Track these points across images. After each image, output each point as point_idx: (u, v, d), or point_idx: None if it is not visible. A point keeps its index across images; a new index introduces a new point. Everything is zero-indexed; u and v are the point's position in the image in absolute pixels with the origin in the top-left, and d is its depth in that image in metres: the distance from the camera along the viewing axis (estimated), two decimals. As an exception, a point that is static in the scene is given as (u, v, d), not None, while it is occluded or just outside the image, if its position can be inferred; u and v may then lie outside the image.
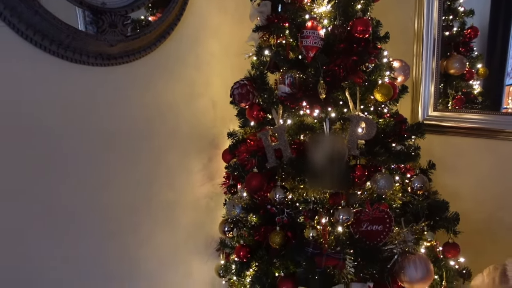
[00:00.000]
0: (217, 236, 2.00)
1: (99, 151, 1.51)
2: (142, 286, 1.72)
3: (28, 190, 1.32)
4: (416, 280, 1.43)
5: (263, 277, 1.58)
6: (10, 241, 1.29)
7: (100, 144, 1.51)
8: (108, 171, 1.54)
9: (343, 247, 1.43)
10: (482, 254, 1.68)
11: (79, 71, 1.43)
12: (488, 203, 1.92)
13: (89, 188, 1.49)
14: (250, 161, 1.60)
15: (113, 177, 1.57)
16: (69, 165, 1.42)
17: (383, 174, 1.48)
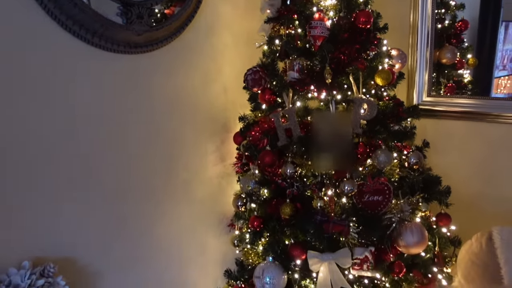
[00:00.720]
0: (228, 213, 2.17)
1: (124, 129, 1.66)
2: (162, 257, 1.88)
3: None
4: (412, 244, 1.61)
5: (275, 245, 1.75)
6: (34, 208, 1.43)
7: (126, 123, 1.67)
8: (132, 148, 1.70)
9: (348, 215, 1.61)
10: (470, 225, 1.86)
11: (110, 58, 1.58)
12: (476, 181, 2.10)
13: (121, 158, 1.65)
14: (262, 140, 1.77)
15: (141, 150, 1.73)
16: (96, 140, 1.57)
17: (383, 150, 1.65)
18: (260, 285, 1.68)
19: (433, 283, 1.70)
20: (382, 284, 1.66)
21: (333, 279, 1.62)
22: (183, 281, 2.01)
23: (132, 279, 1.76)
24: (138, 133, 1.72)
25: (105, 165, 1.61)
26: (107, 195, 1.63)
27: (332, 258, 1.61)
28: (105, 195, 1.62)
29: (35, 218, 1.42)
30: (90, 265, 1.61)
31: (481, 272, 1.64)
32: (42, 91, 1.38)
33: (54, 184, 1.46)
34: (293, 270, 1.70)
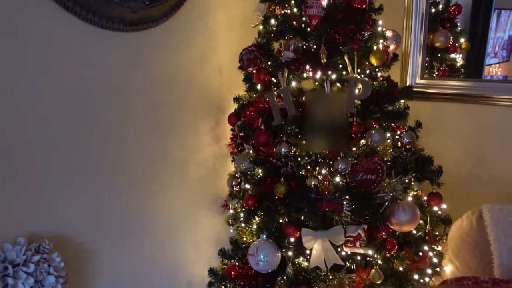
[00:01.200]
0: (223, 194, 2.19)
1: (121, 107, 1.67)
2: (157, 236, 1.90)
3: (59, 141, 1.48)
4: (404, 222, 1.63)
5: (269, 223, 1.77)
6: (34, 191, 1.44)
7: (122, 101, 1.67)
8: (129, 127, 1.71)
9: (341, 193, 1.63)
10: (461, 204, 1.89)
11: (105, 36, 1.58)
12: (467, 162, 2.13)
13: (114, 139, 1.66)
14: (257, 120, 1.78)
15: (134, 129, 1.73)
16: (92, 119, 1.58)
17: (376, 130, 1.67)
18: (254, 262, 1.70)
19: (424, 261, 1.73)
20: (374, 261, 1.68)
21: (327, 256, 1.64)
22: (177, 260, 2.03)
23: (126, 258, 1.78)
24: (134, 112, 1.72)
25: (101, 143, 1.62)
26: (103, 174, 1.64)
27: (326, 236, 1.63)
28: (101, 173, 1.63)
29: (31, 195, 1.42)
30: (85, 243, 1.62)
31: (471, 250, 1.68)
32: (33, 68, 1.38)
33: (51, 162, 1.46)
34: (287, 247, 1.72)
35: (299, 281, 1.72)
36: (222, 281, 1.96)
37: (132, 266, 1.80)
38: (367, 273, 1.69)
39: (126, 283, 1.78)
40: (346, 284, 1.67)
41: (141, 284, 1.85)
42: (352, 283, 1.68)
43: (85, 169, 1.57)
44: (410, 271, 1.74)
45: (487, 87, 2.05)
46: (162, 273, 1.95)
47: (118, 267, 1.74)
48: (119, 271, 1.75)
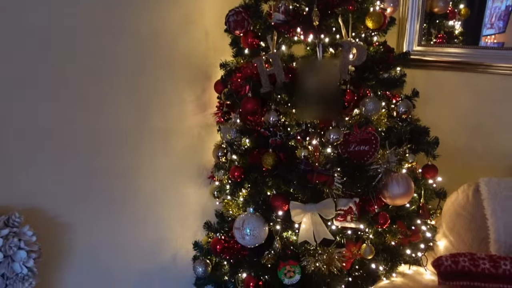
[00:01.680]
0: (209, 165, 2.09)
1: (97, 72, 1.55)
2: (138, 210, 1.81)
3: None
4: (398, 195, 1.55)
5: (256, 196, 1.69)
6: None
7: (97, 66, 1.55)
8: (106, 94, 1.59)
9: (333, 165, 1.54)
10: (457, 176, 1.82)
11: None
12: (463, 132, 2.05)
13: (90, 110, 1.54)
14: (244, 87, 1.67)
15: (112, 98, 1.62)
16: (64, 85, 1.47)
17: (371, 99, 1.57)
18: (240, 236, 1.62)
19: (417, 235, 1.66)
20: (365, 236, 1.62)
21: (316, 230, 1.57)
22: (161, 235, 1.95)
23: (105, 231, 1.70)
24: (110, 76, 1.60)
25: (75, 112, 1.51)
26: (78, 145, 1.53)
27: (315, 209, 1.56)
28: (76, 144, 1.53)
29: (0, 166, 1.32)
30: (60, 216, 1.55)
31: (466, 224, 1.61)
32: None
33: (22, 132, 1.36)
34: (274, 221, 1.64)
35: (287, 256, 1.66)
36: (208, 255, 1.89)
37: (111, 240, 1.72)
38: (358, 248, 1.62)
39: (104, 257, 1.71)
40: (335, 259, 1.61)
41: (121, 258, 1.78)
42: (342, 258, 1.62)
43: (59, 140, 1.47)
44: (403, 246, 1.68)
45: (485, 55, 1.95)
46: (145, 247, 1.87)
47: (95, 241, 1.66)
48: (97, 245, 1.67)
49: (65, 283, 1.57)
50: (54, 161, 1.47)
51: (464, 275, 1.27)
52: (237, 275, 1.80)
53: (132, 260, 1.83)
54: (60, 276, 1.57)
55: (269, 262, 1.67)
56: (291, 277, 1.65)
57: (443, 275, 1.30)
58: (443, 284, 1.31)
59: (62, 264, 1.57)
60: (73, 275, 1.59)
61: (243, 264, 1.77)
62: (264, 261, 1.68)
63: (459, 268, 1.28)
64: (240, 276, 1.80)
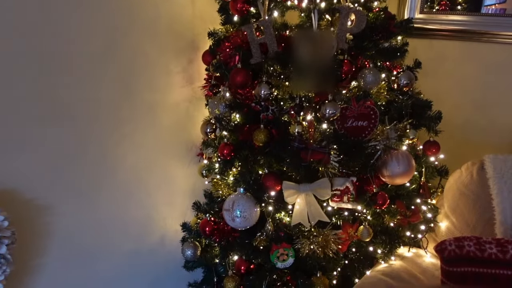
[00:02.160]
0: (198, 141, 1.98)
1: (72, 42, 1.42)
2: (124, 187, 1.71)
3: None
4: (397, 174, 1.45)
5: (247, 175, 1.58)
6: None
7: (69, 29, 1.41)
8: (82, 60, 1.47)
9: (328, 142, 1.43)
10: (460, 153, 1.73)
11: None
12: (466, 107, 1.95)
13: (64, 80, 1.42)
14: (234, 57, 1.54)
15: (88, 66, 1.49)
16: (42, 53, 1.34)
17: (370, 70, 1.45)
18: (230, 218, 1.52)
19: (417, 215, 1.57)
20: (363, 217, 1.52)
21: (310, 212, 1.48)
22: (148, 214, 1.85)
23: (88, 213, 1.59)
24: (86, 42, 1.46)
25: (47, 83, 1.38)
26: (51, 118, 1.41)
27: (310, 189, 1.46)
28: (49, 117, 1.41)
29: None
30: (37, 199, 1.44)
31: (470, 204, 1.52)
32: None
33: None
34: (266, 202, 1.54)
35: (280, 238, 1.56)
36: (197, 237, 1.79)
37: (92, 222, 1.62)
38: (355, 229, 1.54)
39: (86, 240, 1.61)
40: (331, 241, 1.52)
41: (104, 240, 1.68)
42: (338, 240, 1.53)
43: (30, 115, 1.35)
44: (402, 227, 1.59)
45: (490, 22, 1.83)
46: (129, 228, 1.77)
47: (75, 223, 1.55)
48: (77, 228, 1.56)
49: (43, 269, 1.47)
50: (25, 139, 1.35)
51: (469, 260, 1.18)
52: (228, 258, 1.71)
53: (117, 241, 1.73)
54: (38, 262, 1.47)
55: (261, 245, 1.58)
56: (284, 260, 1.56)
57: (446, 260, 1.22)
58: (446, 270, 1.22)
59: (39, 249, 1.47)
60: (52, 260, 1.49)
61: (234, 246, 1.68)
62: (256, 243, 1.59)
63: (464, 253, 1.18)
64: (231, 258, 1.71)
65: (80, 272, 1.59)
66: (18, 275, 1.40)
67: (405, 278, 1.38)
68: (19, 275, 1.42)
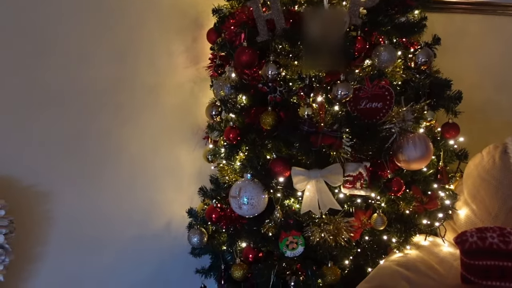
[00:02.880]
0: (203, 124, 1.91)
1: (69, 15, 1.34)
2: (127, 172, 1.65)
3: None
4: (414, 159, 1.37)
5: (254, 160, 1.50)
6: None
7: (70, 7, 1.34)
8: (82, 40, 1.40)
9: (340, 125, 1.34)
10: (481, 136, 1.64)
11: None
12: (488, 86, 1.85)
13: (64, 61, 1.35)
14: (239, 35, 1.44)
15: (89, 47, 1.42)
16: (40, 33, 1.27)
17: (385, 47, 1.35)
18: (237, 206, 1.45)
19: (434, 202, 1.49)
20: (376, 204, 1.44)
21: (321, 199, 1.40)
22: (152, 199, 1.80)
23: (89, 200, 1.55)
24: (81, 24, 1.39)
25: (47, 64, 1.32)
26: (50, 100, 1.35)
27: (320, 176, 1.38)
28: (48, 100, 1.35)
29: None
30: (36, 185, 1.40)
31: (492, 191, 1.43)
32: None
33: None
34: (275, 189, 1.46)
35: (289, 226, 1.49)
36: (204, 223, 1.73)
37: (94, 207, 1.58)
38: (368, 216, 1.46)
39: (88, 226, 1.57)
40: (343, 229, 1.44)
41: (108, 226, 1.64)
42: (350, 228, 1.45)
43: (28, 97, 1.28)
44: (418, 215, 1.51)
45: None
46: (133, 214, 1.73)
47: (77, 210, 1.52)
48: (78, 214, 1.53)
49: (45, 257, 1.44)
50: (24, 123, 1.29)
51: (492, 253, 1.09)
52: (236, 245, 1.65)
53: (120, 227, 1.69)
54: (39, 250, 1.43)
55: (270, 232, 1.51)
56: (293, 249, 1.49)
57: (467, 252, 1.13)
58: (466, 263, 1.14)
59: (40, 237, 1.43)
60: (53, 248, 1.45)
61: (241, 233, 1.61)
62: (264, 230, 1.52)
63: (486, 245, 1.10)
64: (239, 246, 1.65)
65: (82, 260, 1.56)
66: (19, 264, 1.37)
67: (422, 269, 1.31)
68: (20, 264, 1.39)
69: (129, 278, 1.75)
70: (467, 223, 1.48)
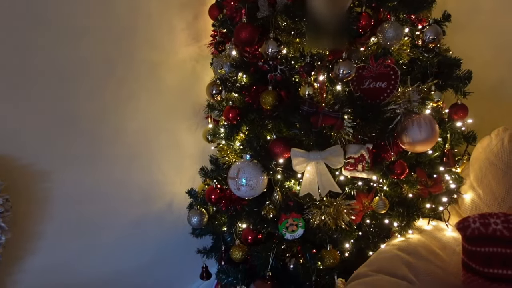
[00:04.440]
0: (205, 103, 1.87)
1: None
2: (127, 151, 1.63)
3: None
4: (419, 141, 1.31)
5: (254, 140, 1.47)
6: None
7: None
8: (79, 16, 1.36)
9: (342, 105, 1.29)
10: (489, 119, 1.57)
11: None
12: (500, 66, 1.76)
13: (62, 38, 1.32)
14: (240, 11, 1.39)
15: (86, 23, 1.39)
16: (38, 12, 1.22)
17: (391, 23, 1.28)
18: (235, 187, 1.42)
19: (439, 186, 1.44)
20: (379, 187, 1.40)
21: (321, 182, 1.36)
22: (154, 179, 1.78)
23: (88, 179, 1.53)
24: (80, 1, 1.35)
25: (44, 42, 1.29)
26: (49, 78, 1.34)
27: (321, 157, 1.33)
28: (47, 77, 1.33)
29: None
30: (34, 164, 1.38)
31: (499, 175, 1.37)
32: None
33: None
34: (274, 170, 1.43)
35: (289, 208, 1.46)
36: (204, 204, 1.71)
37: (94, 188, 1.56)
38: (370, 199, 1.42)
39: (88, 205, 1.55)
40: (344, 212, 1.41)
41: (107, 205, 1.62)
42: (352, 211, 1.42)
43: (25, 74, 1.26)
44: (422, 198, 1.46)
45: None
46: (133, 193, 1.71)
47: (75, 188, 1.50)
48: (77, 193, 1.51)
49: (42, 236, 1.43)
50: (22, 100, 1.27)
51: (496, 240, 1.05)
52: (236, 227, 1.63)
53: (121, 207, 1.67)
54: (38, 229, 1.42)
55: (270, 214, 1.48)
56: (293, 231, 1.47)
57: (469, 239, 1.09)
58: (468, 250, 1.10)
59: (38, 216, 1.42)
60: (52, 227, 1.45)
61: (241, 215, 1.59)
62: (264, 212, 1.49)
63: (489, 232, 1.06)
64: (240, 227, 1.63)
65: (81, 239, 1.55)
66: (17, 243, 1.36)
67: (423, 254, 1.27)
68: (19, 243, 1.38)
69: (130, 258, 1.74)
70: (472, 208, 1.43)
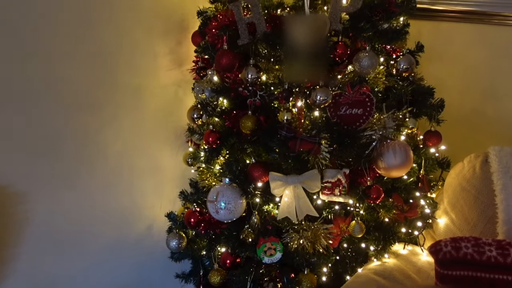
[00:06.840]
0: (186, 127, 1.89)
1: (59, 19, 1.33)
2: (107, 174, 1.63)
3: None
4: (394, 166, 1.35)
5: (233, 164, 1.49)
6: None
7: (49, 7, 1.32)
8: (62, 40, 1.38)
9: (319, 131, 1.32)
10: (463, 145, 1.62)
11: None
12: (472, 95, 1.82)
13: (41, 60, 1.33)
14: (221, 38, 1.43)
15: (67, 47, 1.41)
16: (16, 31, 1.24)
17: (367, 53, 1.33)
18: (214, 210, 1.43)
19: (414, 211, 1.47)
20: (355, 211, 1.42)
21: (298, 205, 1.38)
22: (134, 202, 1.77)
23: (66, 201, 1.52)
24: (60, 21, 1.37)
25: (23, 62, 1.30)
26: (28, 98, 1.34)
27: (298, 181, 1.36)
28: (25, 98, 1.33)
29: None
30: (10, 186, 1.36)
31: (471, 200, 1.41)
32: None
33: None
34: (253, 194, 1.45)
35: (267, 232, 1.47)
36: (184, 227, 1.71)
37: (72, 210, 1.55)
38: (347, 224, 1.44)
39: (66, 228, 1.54)
40: (321, 236, 1.42)
41: (86, 228, 1.60)
42: (329, 235, 1.43)
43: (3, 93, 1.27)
44: (397, 223, 1.49)
45: (501, 3, 1.69)
46: (113, 216, 1.70)
47: (55, 210, 1.49)
48: (56, 215, 1.50)
49: (20, 259, 1.41)
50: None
51: (466, 263, 1.08)
52: (214, 251, 1.63)
53: (98, 230, 1.65)
54: (15, 251, 1.40)
55: (249, 238, 1.49)
56: (271, 255, 1.47)
57: (441, 262, 1.11)
58: (440, 273, 1.12)
59: (16, 238, 1.40)
60: (29, 249, 1.43)
61: (220, 238, 1.59)
62: (243, 236, 1.50)
63: (460, 255, 1.08)
64: (219, 251, 1.63)
65: (58, 262, 1.53)
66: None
67: (398, 278, 1.29)
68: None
69: (107, 282, 1.72)
70: (446, 232, 1.46)
